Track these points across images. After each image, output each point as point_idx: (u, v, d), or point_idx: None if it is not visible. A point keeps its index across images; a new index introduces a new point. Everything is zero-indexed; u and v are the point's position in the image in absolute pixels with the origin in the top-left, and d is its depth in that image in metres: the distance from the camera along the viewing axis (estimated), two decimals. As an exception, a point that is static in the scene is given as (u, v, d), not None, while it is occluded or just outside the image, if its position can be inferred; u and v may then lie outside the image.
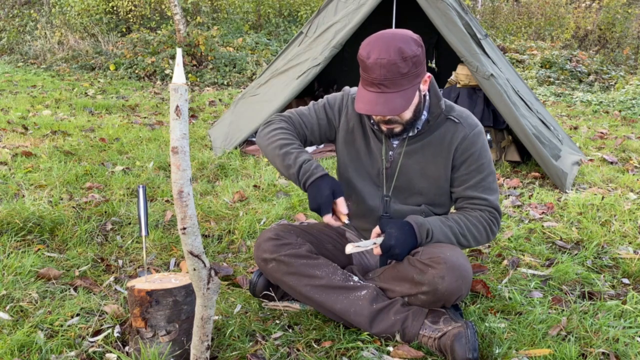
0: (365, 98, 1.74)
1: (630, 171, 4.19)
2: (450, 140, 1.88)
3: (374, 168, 1.96)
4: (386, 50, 1.66)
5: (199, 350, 1.52)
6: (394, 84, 1.69)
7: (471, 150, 1.88)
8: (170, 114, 1.23)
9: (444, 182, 1.93)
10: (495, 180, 1.93)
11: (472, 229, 1.88)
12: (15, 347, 1.70)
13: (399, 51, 1.66)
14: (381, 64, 1.66)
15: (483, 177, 1.89)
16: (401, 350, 1.74)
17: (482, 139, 1.91)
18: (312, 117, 2.00)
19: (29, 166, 3.65)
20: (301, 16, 12.60)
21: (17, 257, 2.30)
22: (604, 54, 11.93)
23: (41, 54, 10.64)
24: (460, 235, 1.87)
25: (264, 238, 1.94)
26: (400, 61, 1.66)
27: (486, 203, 1.89)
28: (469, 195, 1.90)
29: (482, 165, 1.89)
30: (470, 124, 1.90)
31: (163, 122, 5.67)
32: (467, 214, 1.90)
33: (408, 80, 1.70)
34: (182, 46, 9.64)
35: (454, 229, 1.86)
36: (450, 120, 1.89)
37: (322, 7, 5.00)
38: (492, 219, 1.90)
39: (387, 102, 1.70)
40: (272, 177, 3.66)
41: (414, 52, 1.69)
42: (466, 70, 4.28)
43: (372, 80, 1.70)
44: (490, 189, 1.90)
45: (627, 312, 2.05)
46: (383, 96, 1.71)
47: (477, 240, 1.91)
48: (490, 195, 1.90)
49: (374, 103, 1.71)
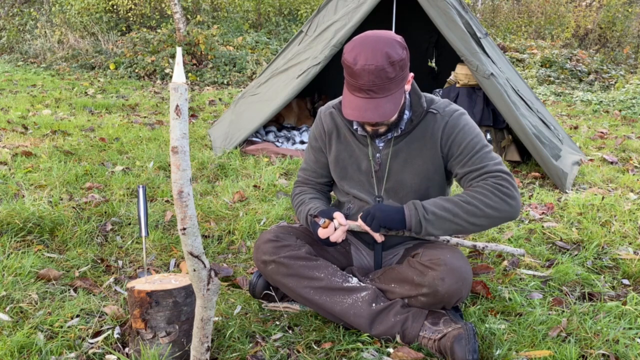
0: (354, 104, 1.72)
1: (630, 171, 4.19)
2: (433, 130, 1.87)
3: (363, 173, 1.97)
4: (373, 56, 1.64)
5: (199, 351, 1.51)
6: (383, 89, 1.68)
7: (455, 132, 1.85)
8: (170, 114, 1.23)
9: (433, 174, 1.92)
10: (492, 152, 1.86)
11: (477, 195, 1.76)
12: (15, 348, 1.70)
13: (386, 56, 1.65)
14: (369, 70, 1.65)
15: (476, 150, 1.83)
16: (401, 351, 1.74)
17: (463, 119, 1.86)
18: (311, 163, 2.10)
19: (29, 166, 3.65)
20: (301, 15, 12.60)
21: (17, 257, 2.30)
22: (604, 53, 11.92)
23: (41, 53, 10.64)
24: (463, 203, 1.76)
25: (263, 240, 1.94)
26: (388, 66, 1.65)
27: (485, 170, 1.80)
28: (469, 170, 1.83)
29: (472, 141, 1.84)
30: (448, 112, 1.88)
31: (163, 122, 5.66)
32: (470, 188, 1.83)
33: (395, 84, 1.70)
34: (182, 45, 9.63)
35: (452, 199, 1.79)
36: (430, 113, 1.89)
37: (322, 6, 4.99)
38: (498, 182, 1.77)
39: (377, 108, 1.69)
40: (272, 177, 3.66)
41: (400, 56, 1.68)
42: (465, 70, 4.27)
43: (360, 86, 1.69)
44: (487, 157, 1.83)
45: (627, 313, 2.05)
46: (372, 102, 1.69)
47: (489, 206, 1.74)
48: (489, 161, 1.82)
49: (364, 109, 1.70)
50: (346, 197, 2.05)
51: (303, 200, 2.05)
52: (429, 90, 2.73)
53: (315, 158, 2.07)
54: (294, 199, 2.10)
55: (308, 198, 2.04)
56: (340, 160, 2.00)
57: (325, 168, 2.08)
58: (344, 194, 2.05)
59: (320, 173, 2.09)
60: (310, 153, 2.09)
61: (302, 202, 2.04)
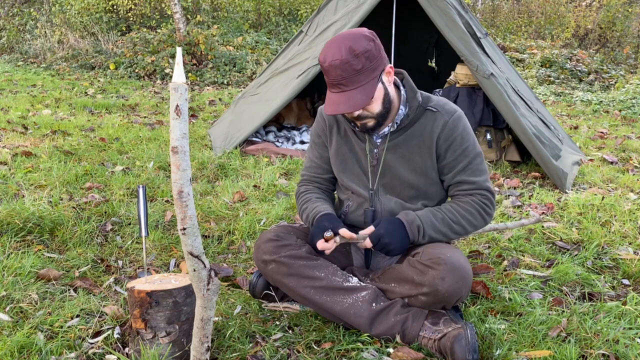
0: (330, 100, 1.80)
1: (630, 171, 4.19)
2: (431, 129, 1.91)
3: (361, 167, 2.00)
4: (338, 51, 1.72)
5: (199, 351, 1.51)
6: (351, 81, 1.75)
7: (453, 136, 1.90)
8: (170, 114, 1.23)
9: (431, 172, 1.95)
10: (483, 162, 1.96)
11: (466, 214, 1.90)
12: (15, 348, 1.70)
13: (349, 50, 1.71)
14: (335, 65, 1.73)
15: (470, 160, 1.91)
16: (401, 351, 1.74)
17: (462, 123, 1.92)
18: (316, 160, 2.12)
19: (29, 166, 3.65)
20: (301, 15, 12.60)
21: (17, 257, 2.30)
22: (604, 53, 11.92)
23: (41, 53, 10.64)
24: (453, 223, 1.89)
25: (263, 239, 1.94)
26: (353, 58, 1.72)
27: (476, 186, 1.92)
28: (459, 180, 1.93)
29: (467, 149, 1.91)
30: (448, 111, 1.92)
31: (163, 122, 5.66)
32: (459, 201, 1.94)
33: (365, 75, 1.75)
34: (182, 45, 9.63)
35: (445, 219, 1.90)
36: (428, 110, 1.92)
37: (322, 6, 4.99)
38: (484, 201, 1.92)
39: (348, 100, 1.76)
40: (272, 177, 3.66)
41: (364, 48, 1.73)
42: (465, 70, 4.27)
43: (331, 82, 1.78)
44: (479, 170, 1.93)
45: (627, 313, 2.05)
46: (344, 95, 1.76)
47: (473, 225, 1.92)
48: (479, 176, 1.92)
49: (337, 102, 1.78)
50: (345, 194, 2.07)
51: (309, 198, 2.08)
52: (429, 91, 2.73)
53: (319, 154, 2.11)
54: (298, 197, 2.13)
55: (314, 197, 2.08)
56: (341, 153, 2.03)
57: (329, 163, 2.11)
58: (343, 189, 2.08)
59: (326, 168, 2.12)
60: (313, 150, 2.13)
61: (307, 200, 2.08)
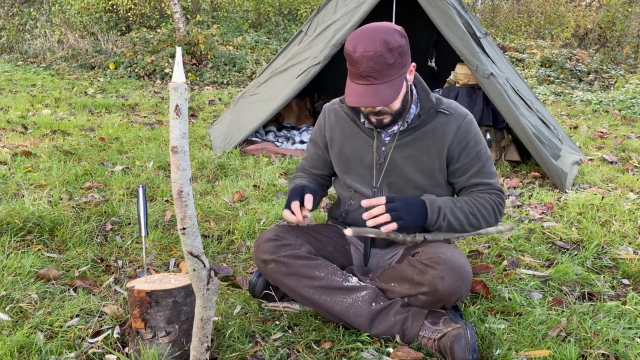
0: (355, 91, 1.77)
1: (630, 171, 4.19)
2: (444, 132, 1.91)
3: (366, 166, 1.99)
4: (372, 43, 1.70)
5: (199, 351, 1.51)
6: (382, 75, 1.73)
7: (467, 139, 1.92)
8: (170, 114, 1.23)
9: (437, 174, 1.95)
10: (493, 164, 2.00)
11: (482, 210, 1.91)
12: (15, 348, 1.70)
13: (384, 43, 1.70)
14: (368, 56, 1.70)
15: (483, 163, 1.95)
16: (401, 351, 1.74)
17: (474, 126, 1.95)
18: (313, 155, 2.15)
19: (29, 166, 3.65)
20: (301, 15, 12.60)
21: (17, 257, 2.30)
22: (604, 53, 11.92)
23: (41, 53, 10.64)
24: (471, 215, 1.89)
25: (263, 239, 1.94)
26: (387, 52, 1.70)
27: (491, 187, 1.95)
28: (474, 182, 1.95)
29: (480, 152, 1.94)
30: (460, 114, 1.94)
31: (163, 122, 5.66)
32: (476, 196, 1.94)
33: (395, 70, 1.74)
34: (182, 45, 9.63)
35: (464, 209, 1.89)
36: (441, 113, 1.93)
37: (322, 6, 4.99)
38: (499, 200, 1.94)
39: (377, 93, 1.73)
40: (272, 177, 3.66)
41: (399, 43, 1.72)
42: (465, 70, 4.27)
43: (360, 73, 1.74)
44: (492, 173, 1.97)
45: (627, 313, 2.05)
46: (372, 88, 1.74)
47: (486, 221, 1.93)
48: (493, 179, 1.97)
49: (364, 95, 1.74)
50: (348, 192, 2.06)
51: (295, 180, 2.16)
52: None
53: (314, 150, 2.16)
54: (290, 181, 2.21)
55: (299, 178, 2.15)
56: (344, 154, 2.03)
57: (320, 161, 2.14)
58: (346, 188, 2.08)
59: (316, 165, 2.16)
60: (311, 145, 2.17)
61: (294, 178, 2.18)
